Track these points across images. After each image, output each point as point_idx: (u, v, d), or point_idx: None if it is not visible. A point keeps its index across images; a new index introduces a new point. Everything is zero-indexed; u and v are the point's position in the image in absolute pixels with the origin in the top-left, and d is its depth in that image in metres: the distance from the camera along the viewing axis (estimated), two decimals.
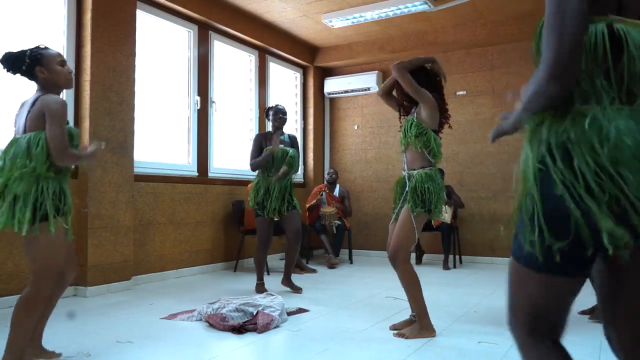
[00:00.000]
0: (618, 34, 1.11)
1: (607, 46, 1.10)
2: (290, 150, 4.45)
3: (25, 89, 2.59)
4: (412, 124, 3.08)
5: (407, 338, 2.95)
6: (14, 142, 2.34)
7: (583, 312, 3.46)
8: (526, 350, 1.26)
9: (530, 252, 1.16)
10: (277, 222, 4.57)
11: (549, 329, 1.23)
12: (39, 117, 2.31)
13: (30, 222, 2.21)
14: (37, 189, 2.25)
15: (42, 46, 2.43)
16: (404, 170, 3.17)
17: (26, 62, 2.36)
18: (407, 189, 3.06)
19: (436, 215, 3.12)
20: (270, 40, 6.50)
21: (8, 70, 2.41)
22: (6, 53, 2.39)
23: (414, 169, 3.10)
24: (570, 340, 1.31)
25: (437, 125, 3.17)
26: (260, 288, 4.36)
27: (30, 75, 2.40)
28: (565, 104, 1.13)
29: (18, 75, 2.42)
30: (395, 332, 3.07)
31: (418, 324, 3.03)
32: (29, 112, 2.34)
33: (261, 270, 4.49)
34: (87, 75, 4.32)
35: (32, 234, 2.25)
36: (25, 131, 2.34)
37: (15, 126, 2.44)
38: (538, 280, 1.18)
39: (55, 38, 4.30)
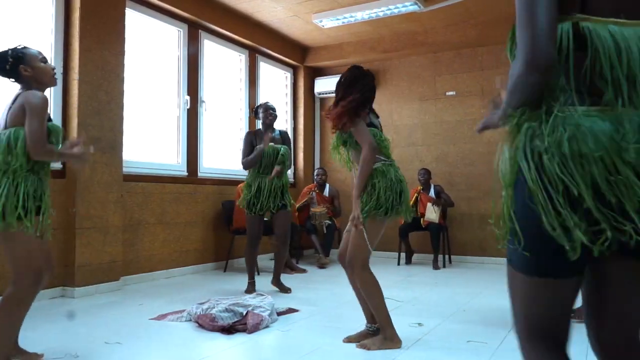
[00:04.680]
0: (583, 32, 1.10)
1: (571, 45, 1.10)
2: (282, 148, 4.45)
3: (12, 89, 2.56)
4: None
5: (369, 349, 2.75)
6: None
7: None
8: (526, 356, 1.22)
9: (517, 255, 1.15)
10: (267, 222, 4.57)
11: (548, 335, 1.19)
12: (18, 113, 2.30)
13: (5, 220, 2.20)
14: (17, 186, 2.24)
15: (21, 46, 2.43)
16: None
17: (9, 62, 2.35)
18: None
19: (397, 214, 2.78)
20: (260, 40, 6.49)
21: None
22: None
23: None
24: None
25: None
26: (251, 288, 4.35)
27: (14, 74, 2.39)
28: (538, 104, 1.13)
29: (1, 76, 2.42)
30: (357, 344, 2.83)
31: (382, 335, 2.81)
32: (10, 107, 2.35)
33: (252, 269, 4.48)
34: (75, 74, 4.28)
35: (8, 232, 2.23)
36: (6, 127, 2.33)
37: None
38: (528, 283, 1.16)
39: (43, 36, 4.26)
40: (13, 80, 2.42)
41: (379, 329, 2.89)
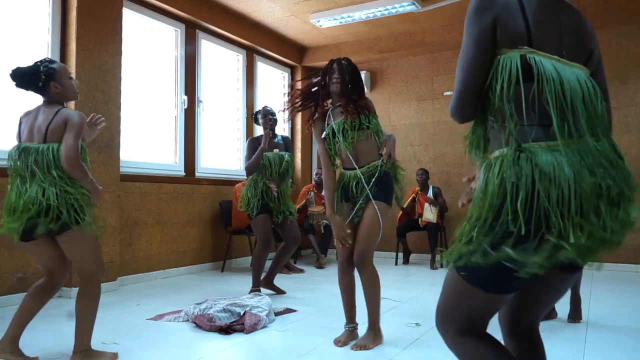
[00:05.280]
0: (530, 63, 1.19)
1: (520, 74, 1.19)
2: (286, 155, 4.41)
3: (24, 94, 2.56)
4: (366, 117, 2.89)
5: (369, 349, 2.76)
6: (33, 150, 2.36)
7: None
8: (456, 346, 1.34)
9: (479, 274, 1.23)
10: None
11: (477, 328, 1.33)
12: (60, 129, 2.36)
13: (84, 221, 2.43)
14: (71, 195, 2.38)
15: (48, 59, 2.47)
16: (354, 168, 2.88)
17: (42, 79, 2.40)
18: (372, 182, 2.81)
19: (398, 201, 3.02)
20: (258, 40, 6.48)
21: (20, 86, 2.42)
22: (17, 69, 2.41)
23: (372, 161, 2.86)
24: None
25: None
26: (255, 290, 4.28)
27: (43, 90, 2.43)
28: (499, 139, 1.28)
29: (28, 90, 2.45)
30: (352, 346, 2.80)
31: (372, 331, 2.84)
32: (50, 122, 2.37)
33: (259, 273, 4.24)
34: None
35: (81, 231, 2.43)
36: (45, 141, 2.37)
37: (21, 134, 2.46)
38: (479, 296, 1.26)
39: (40, 36, 4.24)
40: (39, 94, 2.45)
41: (357, 325, 2.96)
